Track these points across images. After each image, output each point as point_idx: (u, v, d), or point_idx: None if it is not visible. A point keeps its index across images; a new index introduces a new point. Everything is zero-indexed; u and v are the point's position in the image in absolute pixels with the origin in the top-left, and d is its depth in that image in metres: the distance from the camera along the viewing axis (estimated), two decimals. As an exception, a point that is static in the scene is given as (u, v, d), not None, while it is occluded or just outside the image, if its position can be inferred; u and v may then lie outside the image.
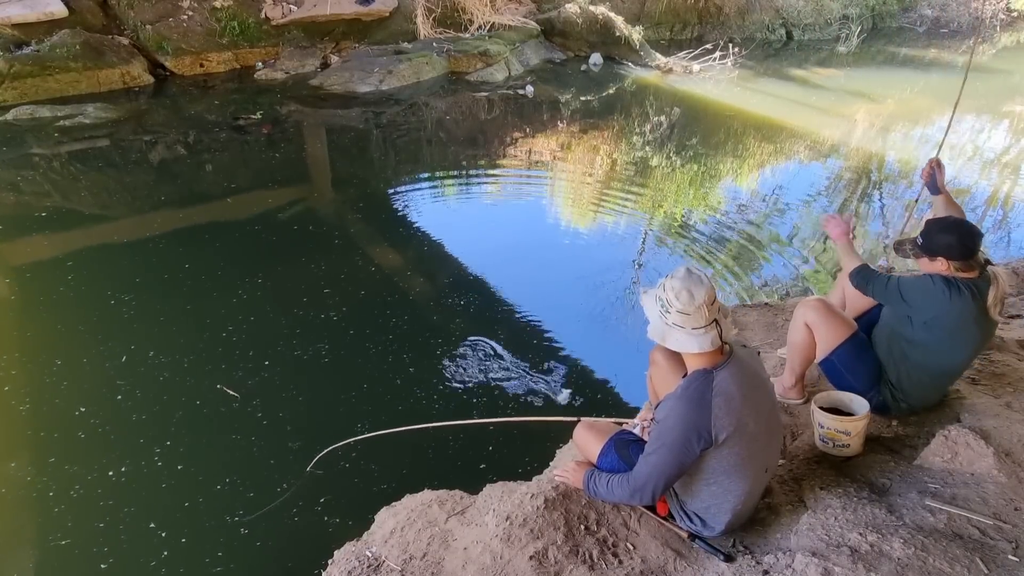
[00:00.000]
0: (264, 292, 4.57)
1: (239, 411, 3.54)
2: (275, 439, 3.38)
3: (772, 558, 1.99)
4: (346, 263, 5.01)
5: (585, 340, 4.26)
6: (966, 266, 2.35)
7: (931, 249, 2.38)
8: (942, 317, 2.36)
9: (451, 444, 3.37)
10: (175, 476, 3.15)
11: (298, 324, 4.25)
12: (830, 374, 2.67)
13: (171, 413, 3.51)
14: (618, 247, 5.61)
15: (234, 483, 3.12)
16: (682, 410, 1.91)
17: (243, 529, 2.90)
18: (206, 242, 5.29)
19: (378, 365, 3.93)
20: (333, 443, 3.17)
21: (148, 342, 4.00)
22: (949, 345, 2.41)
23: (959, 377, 2.65)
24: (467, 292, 4.74)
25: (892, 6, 15.13)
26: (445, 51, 10.14)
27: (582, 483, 2.21)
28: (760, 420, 1.97)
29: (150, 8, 9.15)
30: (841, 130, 8.78)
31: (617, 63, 11.24)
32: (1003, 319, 2.34)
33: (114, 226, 5.57)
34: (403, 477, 3.10)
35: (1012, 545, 1.91)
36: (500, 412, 3.60)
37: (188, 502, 3.02)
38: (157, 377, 3.75)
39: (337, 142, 7.81)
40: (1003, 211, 6.62)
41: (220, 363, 3.88)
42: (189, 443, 3.34)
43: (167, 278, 4.72)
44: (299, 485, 3.11)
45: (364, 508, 2.59)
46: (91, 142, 7.16)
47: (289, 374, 3.82)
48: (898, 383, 2.55)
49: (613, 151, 7.93)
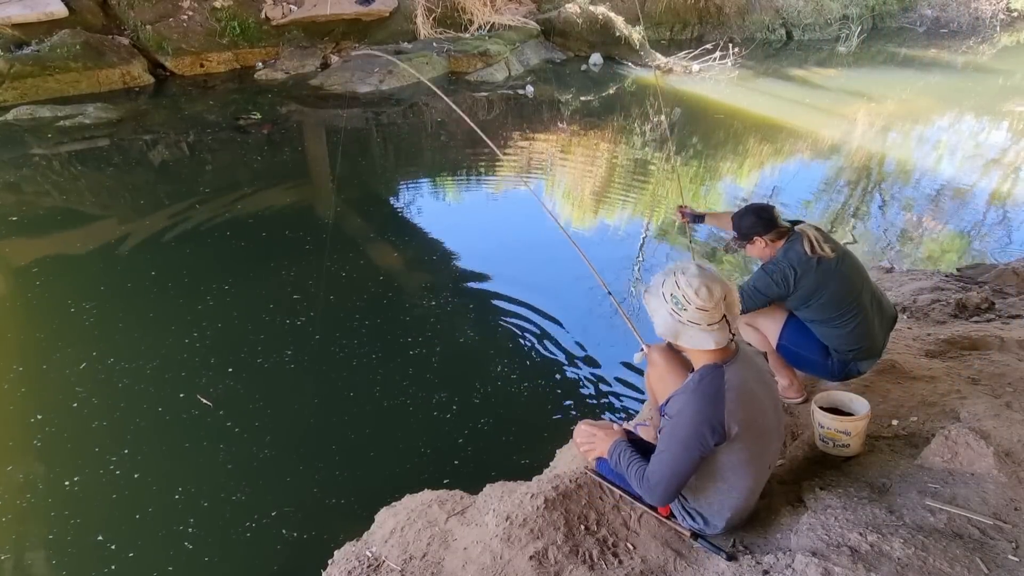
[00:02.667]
0: (266, 293, 4.58)
1: (200, 419, 3.46)
2: (242, 448, 3.30)
3: (772, 558, 1.99)
4: (346, 264, 5.01)
5: (585, 340, 4.26)
6: (777, 235, 2.64)
7: (745, 235, 2.68)
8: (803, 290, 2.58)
9: (451, 444, 3.37)
10: (130, 486, 3.08)
11: (272, 329, 4.21)
12: (788, 357, 2.81)
13: (130, 421, 3.44)
14: (618, 247, 5.61)
15: (190, 493, 3.05)
16: (696, 404, 1.88)
17: (187, 543, 2.83)
18: (205, 242, 5.28)
19: (376, 366, 3.93)
20: (299, 456, 3.15)
21: (109, 349, 3.91)
22: (828, 298, 2.59)
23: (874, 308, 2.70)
24: (467, 292, 4.74)
25: (892, 6, 15.13)
26: (445, 51, 10.14)
27: (607, 453, 2.17)
28: (768, 416, 1.98)
29: (150, 8, 9.14)
30: (841, 130, 8.78)
31: (617, 63, 11.24)
32: (830, 253, 2.56)
33: (101, 228, 5.50)
34: (403, 477, 3.10)
35: (1012, 545, 1.91)
36: (499, 413, 3.60)
37: (138, 514, 2.95)
38: (116, 384, 3.67)
39: (337, 142, 7.81)
40: (1003, 211, 6.62)
41: (182, 370, 3.78)
42: (147, 452, 3.26)
43: (159, 282, 4.66)
44: (298, 486, 3.12)
45: (364, 508, 2.59)
46: (91, 142, 7.16)
47: (270, 380, 3.77)
48: (827, 339, 2.67)
49: (613, 151, 7.93)
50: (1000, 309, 3.87)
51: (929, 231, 6.04)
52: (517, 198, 6.68)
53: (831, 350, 2.68)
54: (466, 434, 3.45)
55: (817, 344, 2.70)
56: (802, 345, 2.72)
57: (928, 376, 2.96)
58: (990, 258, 5.40)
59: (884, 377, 2.96)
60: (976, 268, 4.75)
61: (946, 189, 7.00)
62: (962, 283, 4.37)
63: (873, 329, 2.67)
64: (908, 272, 4.83)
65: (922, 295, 4.15)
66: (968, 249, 5.70)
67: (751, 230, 2.65)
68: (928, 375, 2.97)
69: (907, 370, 3.01)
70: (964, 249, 5.70)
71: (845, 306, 2.59)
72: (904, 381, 2.93)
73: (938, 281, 4.41)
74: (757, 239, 2.65)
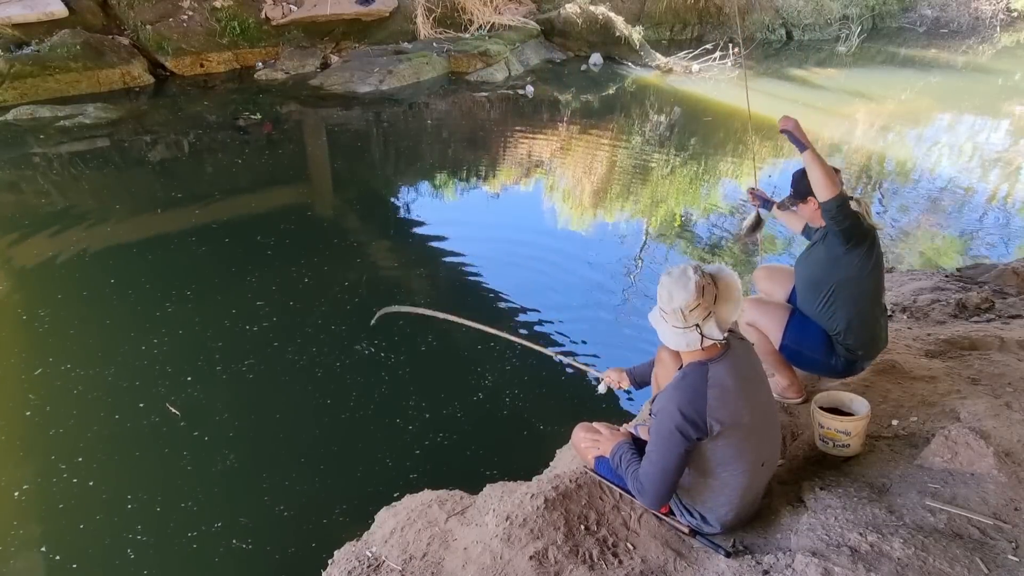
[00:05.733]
0: (267, 294, 4.58)
1: (158, 426, 3.39)
2: (201, 456, 3.25)
3: (772, 558, 1.99)
4: (341, 265, 5.01)
5: (585, 340, 4.26)
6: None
7: (801, 192, 2.65)
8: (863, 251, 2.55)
9: (451, 444, 3.37)
10: (83, 494, 3.01)
11: (272, 329, 4.22)
12: (791, 358, 2.77)
13: (86, 428, 3.36)
14: (618, 247, 5.61)
15: (142, 501, 3.00)
16: (676, 400, 1.93)
17: (132, 551, 2.76)
18: (205, 244, 5.29)
19: (377, 366, 3.93)
20: (299, 456, 3.13)
21: (65, 355, 3.84)
22: (871, 266, 2.58)
23: (883, 307, 2.75)
24: (467, 292, 4.74)
25: (892, 6, 15.13)
26: (445, 51, 10.14)
27: (609, 452, 2.21)
28: (756, 413, 1.99)
29: (150, 8, 9.15)
30: (841, 130, 8.78)
31: (617, 63, 11.24)
32: (877, 226, 2.63)
33: (100, 230, 5.47)
34: (403, 477, 3.10)
35: (1012, 545, 1.91)
36: (498, 411, 3.60)
37: (84, 524, 2.89)
38: (72, 391, 3.60)
39: (337, 142, 7.81)
40: (1003, 211, 6.62)
41: (144, 378, 3.71)
42: (102, 460, 3.19)
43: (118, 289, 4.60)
44: (296, 489, 3.12)
45: (364, 508, 2.59)
46: (90, 142, 7.16)
47: (270, 380, 3.75)
48: (849, 328, 2.62)
49: (613, 151, 7.93)
50: (1000, 309, 3.87)
51: (929, 231, 6.04)
52: (517, 198, 6.68)
53: (838, 346, 2.66)
54: (466, 434, 3.44)
55: (821, 343, 2.68)
56: (805, 344, 2.71)
57: (928, 376, 2.95)
58: (990, 258, 5.40)
59: (884, 377, 2.96)
60: (976, 268, 4.75)
61: (946, 189, 7.00)
62: (962, 283, 4.36)
63: (881, 326, 2.70)
64: (908, 272, 4.83)
65: (922, 295, 4.15)
66: (968, 249, 5.70)
67: (809, 190, 2.59)
68: (928, 375, 2.96)
69: (907, 370, 3.01)
70: (964, 249, 5.70)
71: (869, 287, 2.59)
72: (904, 381, 2.93)
73: (938, 281, 4.40)
74: (812, 200, 2.60)
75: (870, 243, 2.55)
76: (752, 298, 2.89)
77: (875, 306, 2.65)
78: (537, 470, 2.89)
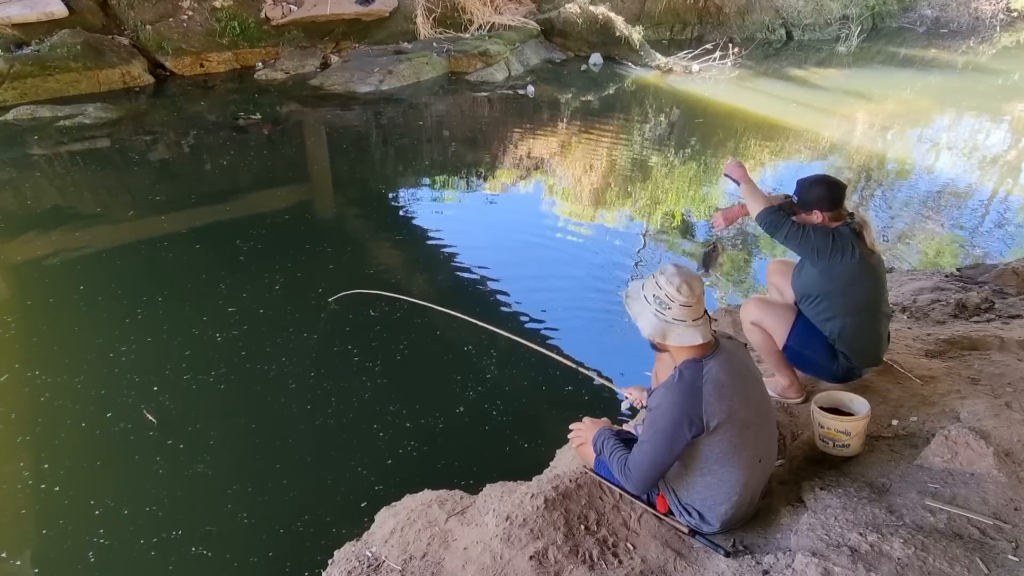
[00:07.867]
0: (272, 294, 4.58)
1: (126, 433, 3.34)
2: (174, 463, 3.21)
3: (772, 558, 1.99)
4: (341, 265, 5.01)
5: (583, 340, 4.26)
6: (837, 215, 2.56)
7: (806, 202, 2.58)
8: (836, 265, 2.53)
9: (451, 444, 3.37)
10: (49, 500, 2.97)
11: (272, 328, 4.23)
12: (794, 359, 2.78)
13: (53, 435, 3.31)
14: (618, 247, 5.61)
15: (109, 507, 2.96)
16: (673, 397, 1.96)
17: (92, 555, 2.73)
18: (205, 244, 5.29)
19: (377, 366, 3.92)
20: (298, 456, 3.14)
21: (32, 362, 3.78)
22: (852, 285, 2.56)
23: (886, 316, 2.74)
24: (466, 291, 4.74)
25: (892, 6, 15.13)
26: (445, 51, 10.14)
27: (591, 439, 2.30)
28: (751, 408, 2.01)
29: (150, 8, 9.15)
30: (840, 130, 8.78)
31: (617, 63, 11.24)
32: (877, 250, 2.62)
33: (99, 231, 5.46)
34: (403, 477, 3.10)
35: (1012, 545, 1.91)
36: (498, 411, 3.60)
37: (47, 528, 2.85)
38: (38, 398, 3.53)
39: (337, 142, 7.81)
40: (1003, 211, 6.62)
41: (122, 384, 3.65)
42: (69, 466, 3.14)
43: (87, 296, 4.59)
44: (296, 490, 3.12)
45: (364, 508, 2.59)
46: (91, 142, 7.16)
47: (269, 380, 3.75)
48: (840, 337, 2.63)
49: (613, 151, 7.93)
50: (1000, 309, 3.87)
51: (929, 231, 6.04)
52: (517, 198, 6.68)
53: (839, 353, 2.67)
54: (466, 434, 3.44)
55: (823, 347, 2.69)
56: (809, 347, 2.71)
57: (928, 376, 2.95)
58: (990, 258, 5.40)
59: (884, 377, 2.96)
60: (976, 268, 4.75)
61: (946, 189, 6.99)
62: (962, 283, 4.36)
63: (880, 336, 2.70)
64: (908, 272, 4.83)
65: (922, 295, 4.15)
66: (968, 249, 5.70)
67: (817, 202, 2.53)
68: (928, 375, 2.97)
69: (907, 370, 3.01)
70: (964, 249, 5.70)
71: (859, 301, 2.59)
72: (904, 381, 2.93)
73: (938, 281, 4.40)
74: (817, 212, 2.54)
75: (847, 256, 2.52)
76: (757, 297, 2.89)
77: (870, 318, 2.64)
78: (537, 470, 2.89)
